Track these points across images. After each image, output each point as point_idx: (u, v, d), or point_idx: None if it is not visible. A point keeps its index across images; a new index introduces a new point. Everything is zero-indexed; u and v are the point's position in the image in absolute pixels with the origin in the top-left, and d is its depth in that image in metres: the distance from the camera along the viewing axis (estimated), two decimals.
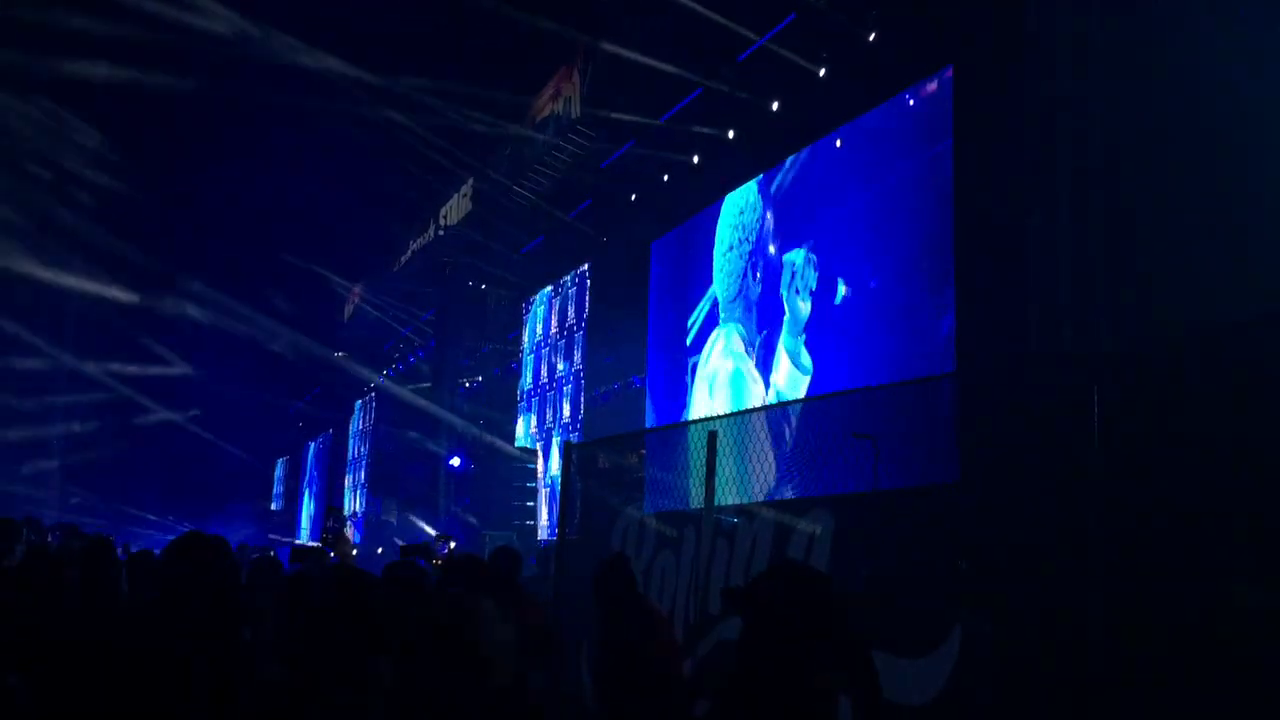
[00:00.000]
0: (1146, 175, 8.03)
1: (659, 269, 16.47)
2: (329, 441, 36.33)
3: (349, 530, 24.60)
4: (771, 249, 13.12)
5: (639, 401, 16.73)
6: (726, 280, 14.22)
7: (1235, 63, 7.43)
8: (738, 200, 14.13)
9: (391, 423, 28.18)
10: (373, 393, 31.24)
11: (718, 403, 13.70)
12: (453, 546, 11.70)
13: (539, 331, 21.42)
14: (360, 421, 32.85)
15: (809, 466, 8.99)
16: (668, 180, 16.20)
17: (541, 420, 20.71)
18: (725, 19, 13.03)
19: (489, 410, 23.89)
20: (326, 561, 9.12)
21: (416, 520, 24.03)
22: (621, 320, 17.45)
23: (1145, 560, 4.76)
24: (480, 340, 24.76)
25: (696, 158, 15.37)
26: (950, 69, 10.36)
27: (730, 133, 14.48)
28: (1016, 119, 9.17)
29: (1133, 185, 8.18)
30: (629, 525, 9.28)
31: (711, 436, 7.36)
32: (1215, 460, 4.70)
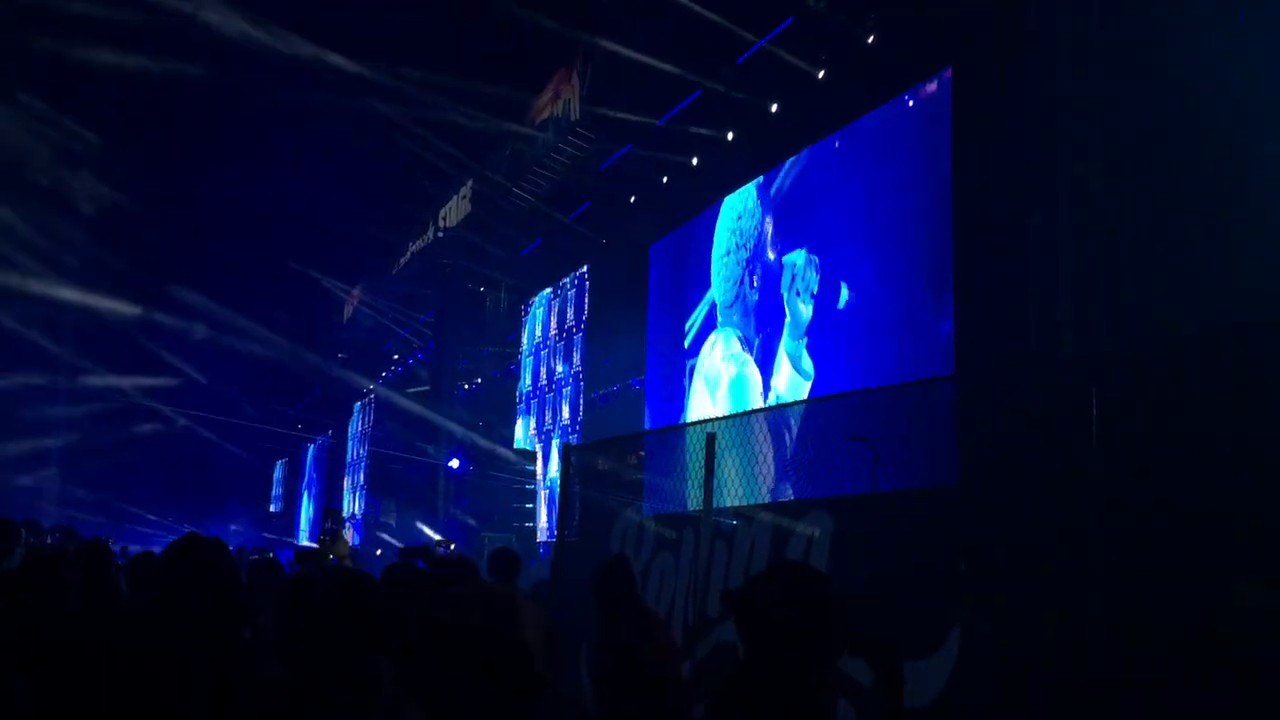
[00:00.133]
0: (1146, 176, 8.03)
1: (658, 272, 16.45)
2: (328, 443, 36.31)
3: (347, 532, 24.65)
4: (770, 254, 13.09)
5: (638, 403, 16.71)
6: (724, 285, 14.20)
7: (1235, 63, 7.44)
8: (736, 204, 14.10)
9: (390, 425, 28.16)
10: (372, 395, 31.24)
11: (720, 409, 13.65)
12: (452, 548, 11.71)
13: (538, 333, 21.39)
14: (360, 423, 32.83)
15: (808, 470, 8.98)
16: (667, 182, 16.20)
17: (540, 422, 20.68)
18: (724, 20, 13.04)
19: (488, 412, 23.88)
20: (329, 564, 9.11)
21: (416, 522, 24.01)
22: (620, 322, 17.42)
23: (1145, 560, 4.76)
24: (479, 342, 24.75)
25: (696, 159, 15.37)
26: (949, 70, 10.36)
27: (729, 134, 14.48)
28: (1016, 119, 9.17)
29: (1132, 185, 8.18)
30: (628, 527, 9.27)
31: (710, 438, 7.36)
32: (1215, 460, 4.69)
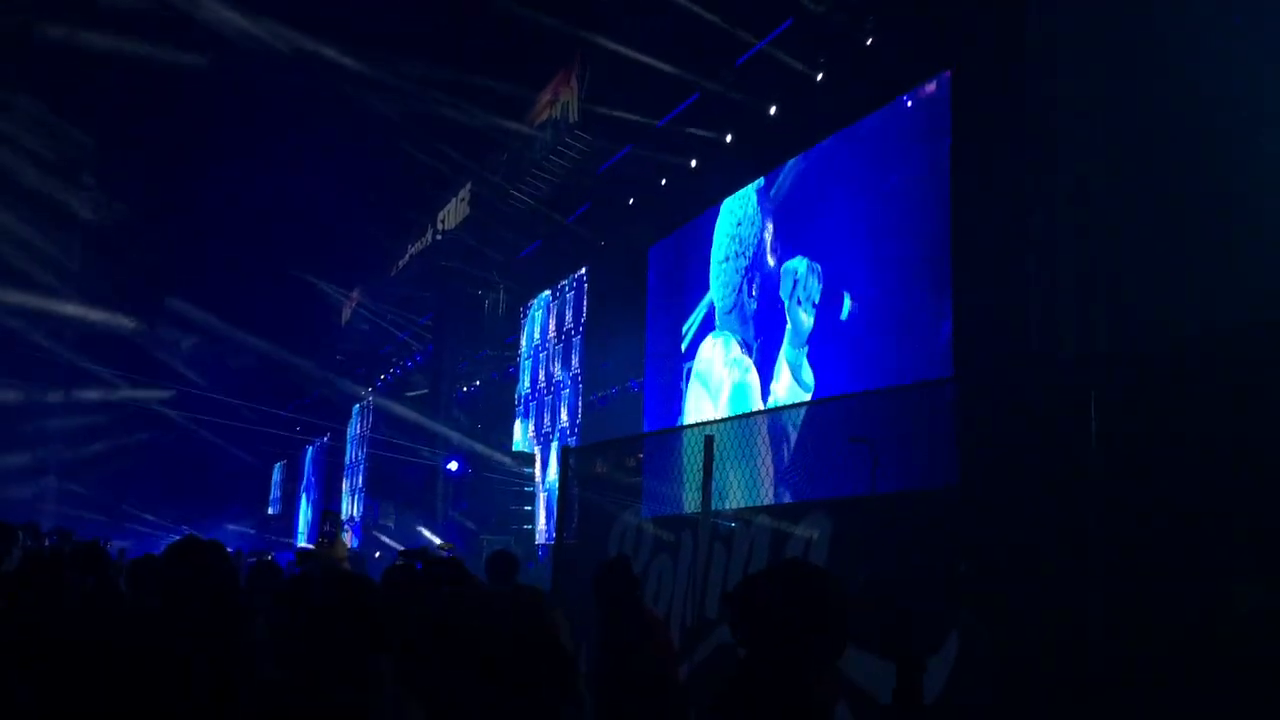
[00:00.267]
0: (1146, 176, 8.02)
1: (657, 274, 16.43)
2: (326, 446, 36.29)
3: (346, 535, 24.64)
4: (770, 261, 13.05)
5: (637, 406, 16.67)
6: (723, 291, 14.17)
7: (1235, 63, 7.43)
8: (735, 208, 14.08)
9: (389, 428, 28.15)
10: (370, 397, 31.25)
11: (721, 414, 13.60)
12: (452, 548, 11.71)
13: (536, 336, 21.36)
14: (358, 426, 32.81)
15: (807, 472, 8.98)
16: (666, 184, 16.18)
17: (539, 425, 20.66)
18: (723, 22, 13.04)
19: (487, 415, 23.85)
20: (330, 565, 9.10)
21: (415, 524, 23.99)
22: (619, 324, 17.38)
23: (1145, 560, 4.77)
24: (478, 345, 24.73)
25: (695, 161, 15.36)
26: (949, 71, 10.35)
27: (728, 136, 14.48)
28: (1017, 119, 9.15)
29: (1133, 186, 8.16)
30: (626, 530, 9.28)
31: (708, 441, 7.37)
32: (1215, 461, 4.70)
